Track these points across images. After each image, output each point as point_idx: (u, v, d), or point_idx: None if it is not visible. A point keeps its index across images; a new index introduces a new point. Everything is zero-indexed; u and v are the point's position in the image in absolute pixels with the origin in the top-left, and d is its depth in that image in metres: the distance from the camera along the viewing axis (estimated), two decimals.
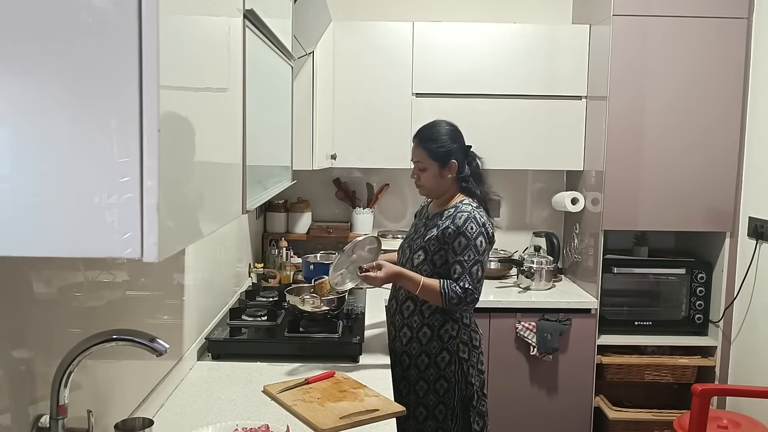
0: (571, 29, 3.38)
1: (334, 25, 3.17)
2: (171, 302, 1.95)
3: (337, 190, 3.67)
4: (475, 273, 2.13)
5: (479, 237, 2.15)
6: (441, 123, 2.30)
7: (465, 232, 2.14)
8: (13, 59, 0.77)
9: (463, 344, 2.23)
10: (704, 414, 2.39)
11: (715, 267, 3.25)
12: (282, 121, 2.02)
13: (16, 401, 1.11)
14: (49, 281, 1.21)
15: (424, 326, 2.24)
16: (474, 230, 2.14)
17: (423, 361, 2.23)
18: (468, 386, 2.22)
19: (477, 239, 2.14)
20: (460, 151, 2.27)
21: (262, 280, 3.20)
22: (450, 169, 2.24)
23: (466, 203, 2.22)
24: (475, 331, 2.28)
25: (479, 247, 2.14)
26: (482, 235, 2.15)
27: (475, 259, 2.13)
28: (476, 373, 2.25)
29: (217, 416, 1.74)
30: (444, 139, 2.24)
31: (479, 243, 2.14)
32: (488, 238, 2.18)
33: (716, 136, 3.09)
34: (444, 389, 2.21)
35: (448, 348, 2.21)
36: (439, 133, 2.26)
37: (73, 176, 0.78)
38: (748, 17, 3.04)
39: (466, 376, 2.22)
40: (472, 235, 2.14)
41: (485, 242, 2.16)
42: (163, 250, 0.81)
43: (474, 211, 2.18)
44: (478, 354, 2.27)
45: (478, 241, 2.14)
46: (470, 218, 2.16)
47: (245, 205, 1.36)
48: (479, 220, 2.17)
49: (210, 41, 1.07)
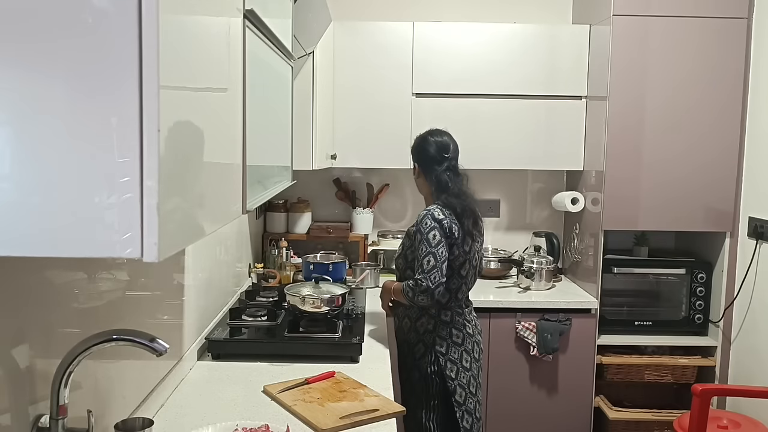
0: (571, 29, 3.38)
1: (334, 25, 3.17)
2: (171, 302, 1.95)
3: (337, 190, 3.67)
4: (426, 264, 2.25)
5: (432, 231, 2.27)
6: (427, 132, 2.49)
7: (420, 229, 2.30)
8: (13, 59, 0.77)
9: (441, 339, 2.35)
10: (704, 414, 2.39)
11: (715, 267, 3.25)
12: (282, 121, 2.01)
13: (16, 401, 1.11)
14: (49, 281, 1.21)
15: (405, 317, 2.43)
16: (428, 225, 2.28)
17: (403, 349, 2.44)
18: (445, 380, 2.32)
19: (430, 233, 2.27)
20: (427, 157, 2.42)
21: (262, 280, 3.20)
22: (415, 171, 2.51)
23: (432, 207, 2.35)
24: (459, 329, 2.37)
25: (431, 240, 2.26)
26: (436, 229, 2.27)
27: (427, 251, 2.25)
28: (458, 369, 2.34)
29: (217, 416, 1.73)
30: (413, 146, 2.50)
31: (431, 236, 2.26)
32: (443, 232, 2.28)
33: (716, 136, 3.09)
34: (415, 378, 2.37)
35: (423, 340, 2.37)
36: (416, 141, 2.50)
37: (73, 176, 0.78)
38: (748, 17, 3.04)
39: (443, 369, 2.32)
40: (426, 230, 2.28)
41: (439, 235, 2.27)
42: (163, 250, 0.81)
43: (433, 210, 2.32)
44: (460, 351, 2.35)
45: (430, 234, 2.27)
46: (427, 215, 2.31)
47: (245, 205, 1.36)
48: (436, 217, 2.29)
49: (210, 41, 1.07)
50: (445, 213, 2.31)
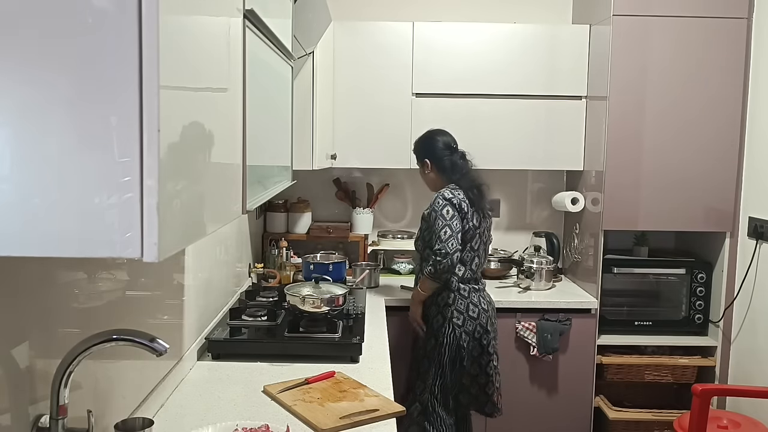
0: (571, 29, 3.38)
1: (334, 25, 3.17)
2: (171, 302, 1.95)
3: (337, 190, 3.67)
4: (443, 234, 2.53)
5: (445, 207, 2.57)
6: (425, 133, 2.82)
7: (434, 207, 2.60)
8: (13, 59, 0.77)
9: (459, 312, 2.63)
10: (704, 414, 2.39)
11: (715, 267, 3.25)
12: (282, 121, 2.01)
13: (16, 401, 1.11)
14: (49, 281, 1.21)
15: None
16: (440, 203, 2.59)
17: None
18: (459, 349, 2.62)
19: (443, 209, 2.57)
20: (432, 152, 2.75)
21: (262, 280, 3.20)
22: (425, 167, 2.78)
23: (444, 189, 2.65)
24: (475, 304, 2.67)
25: (446, 215, 2.56)
26: (447, 206, 2.58)
27: (443, 224, 2.55)
28: (470, 341, 2.64)
29: (217, 416, 1.74)
30: (419, 145, 2.81)
31: (445, 212, 2.57)
32: (456, 207, 2.58)
33: (716, 136, 3.09)
34: (431, 346, 2.64)
35: (442, 313, 2.65)
36: (418, 142, 2.82)
37: (73, 176, 0.78)
38: (748, 17, 3.04)
39: (458, 340, 2.61)
40: (439, 208, 2.58)
41: (452, 210, 2.57)
42: (163, 250, 0.81)
43: (445, 191, 2.63)
44: (475, 324, 2.65)
45: (444, 210, 2.57)
46: (438, 197, 2.62)
47: (245, 205, 1.36)
48: (446, 196, 2.60)
49: (210, 41, 1.07)
50: (454, 192, 2.61)
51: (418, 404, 2.66)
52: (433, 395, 2.63)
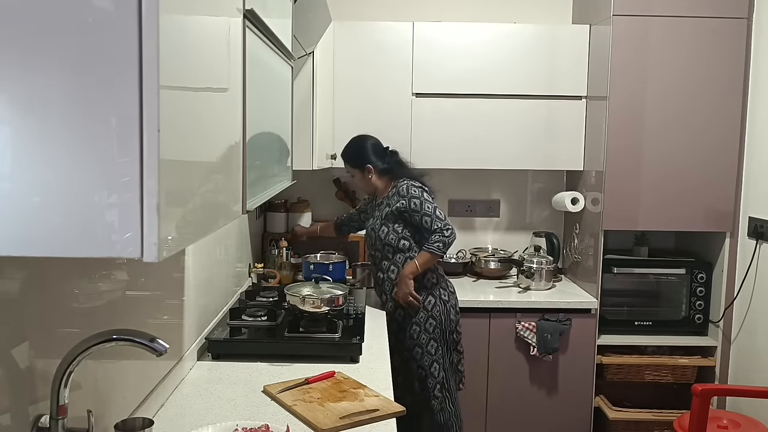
0: (571, 29, 3.38)
1: (334, 25, 3.17)
2: (171, 302, 1.95)
3: (337, 190, 3.67)
4: (440, 214, 2.72)
5: (423, 193, 2.75)
6: (354, 140, 2.95)
7: (412, 195, 2.73)
8: (13, 59, 0.77)
9: (443, 289, 2.82)
10: (704, 414, 2.39)
11: (715, 267, 3.25)
12: (282, 121, 2.02)
13: (16, 401, 1.11)
14: (49, 281, 1.21)
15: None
16: (417, 192, 2.74)
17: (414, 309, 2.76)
18: (450, 322, 2.80)
19: (423, 194, 2.74)
20: (372, 156, 2.88)
21: (262, 280, 3.20)
22: (367, 171, 2.88)
23: (401, 182, 2.80)
24: (446, 280, 2.89)
25: (428, 198, 2.75)
26: (425, 191, 2.76)
27: (432, 205, 2.73)
28: (455, 312, 2.85)
29: (217, 416, 1.74)
30: (356, 152, 2.91)
31: (426, 196, 2.75)
32: (429, 192, 2.79)
33: (716, 136, 3.09)
34: (433, 327, 2.76)
35: (432, 293, 2.78)
36: (352, 149, 2.94)
37: (73, 176, 0.78)
38: (748, 17, 3.04)
39: (449, 314, 2.79)
40: (418, 194, 2.74)
41: (429, 196, 2.77)
42: (163, 250, 0.81)
43: (408, 182, 2.78)
44: (454, 297, 2.87)
45: (424, 195, 2.75)
46: (409, 186, 2.76)
47: (245, 205, 1.36)
48: (416, 184, 2.78)
49: (210, 41, 1.07)
50: (414, 183, 2.78)
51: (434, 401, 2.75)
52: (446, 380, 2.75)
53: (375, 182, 2.89)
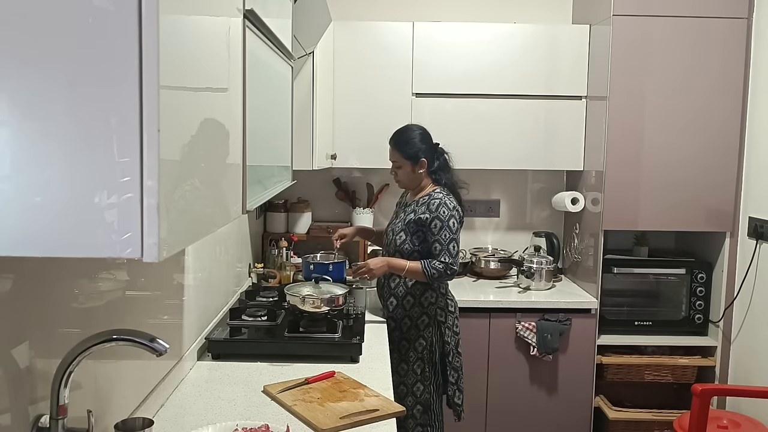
0: (571, 29, 3.38)
1: (334, 25, 3.17)
2: (171, 302, 1.95)
3: (337, 190, 3.67)
4: (452, 249, 2.53)
5: (451, 219, 2.54)
6: (412, 127, 2.71)
7: (439, 216, 2.54)
8: (13, 59, 0.77)
9: (441, 310, 2.63)
10: (704, 414, 2.39)
11: (715, 267, 3.25)
12: (282, 121, 2.02)
13: (16, 401, 1.11)
14: (49, 281, 1.21)
15: (408, 295, 2.64)
16: (446, 214, 2.54)
17: (405, 324, 2.63)
18: (444, 345, 2.63)
19: (450, 221, 2.54)
20: (429, 150, 2.66)
21: (262, 280, 3.20)
22: (420, 165, 2.64)
23: (438, 191, 2.61)
24: (450, 299, 2.69)
25: (452, 227, 2.54)
26: (453, 217, 2.55)
27: (450, 237, 2.54)
28: (452, 334, 2.66)
29: (217, 416, 1.74)
30: (414, 142, 2.64)
31: (452, 224, 2.54)
32: (459, 219, 2.58)
33: (716, 136, 3.09)
34: (422, 347, 2.61)
35: (427, 312, 2.62)
36: (410, 137, 2.66)
37: (73, 176, 0.78)
38: (748, 17, 3.04)
39: (443, 336, 2.63)
40: (446, 218, 2.54)
41: (457, 223, 2.56)
42: (163, 250, 0.81)
43: (444, 198, 2.58)
44: (453, 318, 2.68)
45: (450, 222, 2.54)
46: (442, 204, 2.55)
47: (245, 205, 1.36)
48: (449, 205, 2.56)
49: (210, 41, 1.07)
50: (452, 200, 2.58)
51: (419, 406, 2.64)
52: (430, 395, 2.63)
53: (421, 179, 2.67)
